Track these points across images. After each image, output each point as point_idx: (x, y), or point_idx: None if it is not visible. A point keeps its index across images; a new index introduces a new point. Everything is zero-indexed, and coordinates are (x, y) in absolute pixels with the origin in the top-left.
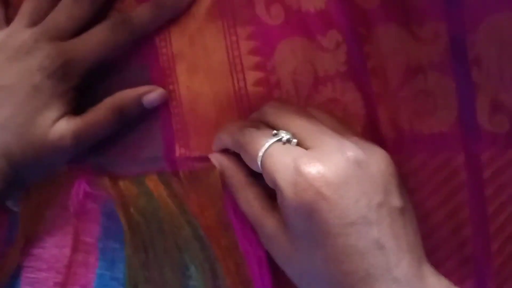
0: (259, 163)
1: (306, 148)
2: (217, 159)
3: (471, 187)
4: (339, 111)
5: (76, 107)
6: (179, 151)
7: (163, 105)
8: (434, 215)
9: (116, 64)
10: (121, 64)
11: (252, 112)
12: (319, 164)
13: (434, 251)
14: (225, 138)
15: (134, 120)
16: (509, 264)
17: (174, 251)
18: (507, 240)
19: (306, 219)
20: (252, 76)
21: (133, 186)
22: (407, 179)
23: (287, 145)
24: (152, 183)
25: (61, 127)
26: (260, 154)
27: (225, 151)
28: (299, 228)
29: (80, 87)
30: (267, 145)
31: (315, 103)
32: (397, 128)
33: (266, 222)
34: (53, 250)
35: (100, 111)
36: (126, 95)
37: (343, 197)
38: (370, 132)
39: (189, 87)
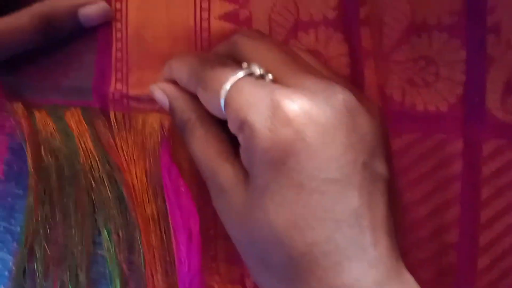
0: (222, 99)
1: None
2: (164, 88)
3: (465, 183)
4: None
5: None
6: (114, 85)
7: (104, 25)
8: (415, 209)
9: None
10: None
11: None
12: (304, 99)
13: (409, 253)
14: (178, 68)
15: (64, 38)
16: (501, 285)
17: (86, 209)
18: (501, 256)
19: (277, 164)
20: (219, 6)
21: (50, 120)
22: None
23: (261, 80)
24: (74, 119)
25: None
26: (226, 88)
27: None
28: (265, 177)
29: None
30: (234, 78)
31: None
32: (385, 98)
33: (222, 169)
34: None
35: (24, 18)
36: (59, 3)
37: (328, 145)
38: None
39: (140, 9)
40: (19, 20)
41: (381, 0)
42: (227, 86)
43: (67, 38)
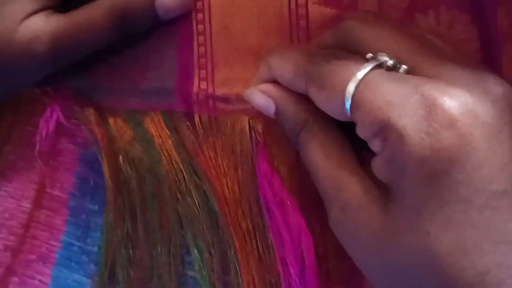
0: (348, 99)
1: None
2: (266, 90)
3: None
4: None
5: (63, 3)
6: (198, 85)
7: (185, 18)
8: None
9: None
10: None
11: (311, 42)
12: (465, 94)
13: None
14: (280, 65)
15: (140, 33)
16: None
17: (173, 224)
18: None
19: (439, 177)
20: None
21: (127, 126)
22: None
23: (394, 73)
24: (154, 124)
25: (36, 23)
26: (353, 84)
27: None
28: (421, 193)
29: None
30: (362, 72)
31: None
32: None
33: (349, 183)
34: (8, 201)
35: (95, 12)
36: None
37: (496, 149)
38: None
39: None
40: (90, 15)
41: None
42: (354, 82)
43: (144, 34)
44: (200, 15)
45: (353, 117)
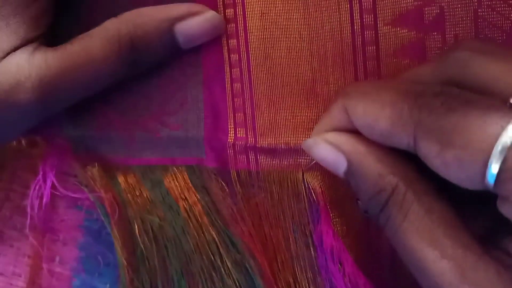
0: (495, 164)
1: None
2: (337, 141)
3: None
4: None
5: (51, 34)
6: (234, 133)
7: (213, 45)
8: None
9: None
10: None
11: (383, 75)
12: None
13: None
14: (369, 111)
15: (155, 67)
16: None
17: None
18: None
19: None
20: (390, 4)
21: (143, 187)
22: None
23: None
24: (178, 184)
25: (16, 65)
26: (503, 145)
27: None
28: None
29: None
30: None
31: None
32: None
33: (477, 279)
34: None
35: (96, 43)
36: (144, 18)
37: None
38: None
39: (265, 16)
40: (90, 48)
41: None
42: (507, 140)
43: (161, 67)
44: (233, 42)
45: (498, 189)
